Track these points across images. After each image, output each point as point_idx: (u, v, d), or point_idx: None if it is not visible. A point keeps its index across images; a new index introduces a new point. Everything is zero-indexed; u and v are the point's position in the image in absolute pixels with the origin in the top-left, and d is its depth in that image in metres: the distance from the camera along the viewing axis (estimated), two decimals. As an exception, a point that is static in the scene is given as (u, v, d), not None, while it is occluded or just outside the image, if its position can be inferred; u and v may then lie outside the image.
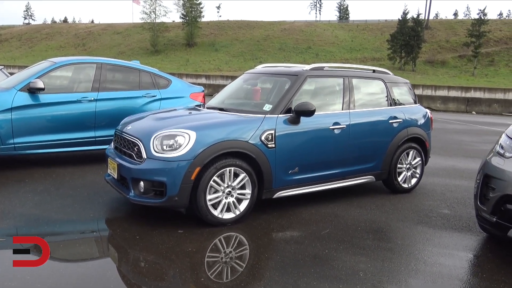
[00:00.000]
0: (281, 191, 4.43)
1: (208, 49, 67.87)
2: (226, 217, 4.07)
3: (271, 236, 3.96)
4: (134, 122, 4.47)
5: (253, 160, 4.13)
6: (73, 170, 5.93)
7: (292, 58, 64.49)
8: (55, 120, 5.93)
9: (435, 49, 64.67)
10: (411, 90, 5.80)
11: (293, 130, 4.39)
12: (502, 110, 20.45)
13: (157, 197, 3.90)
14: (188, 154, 3.82)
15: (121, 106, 6.40)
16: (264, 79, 5.11)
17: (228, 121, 4.21)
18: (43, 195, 4.78)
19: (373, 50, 66.71)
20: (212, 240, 3.80)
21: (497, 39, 65.53)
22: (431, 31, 69.00)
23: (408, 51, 58.03)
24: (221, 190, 4.02)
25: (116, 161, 4.20)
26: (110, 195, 4.87)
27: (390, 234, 4.11)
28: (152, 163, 3.87)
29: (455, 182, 6.21)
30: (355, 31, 74.56)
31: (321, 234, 4.00)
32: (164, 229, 3.94)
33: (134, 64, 6.84)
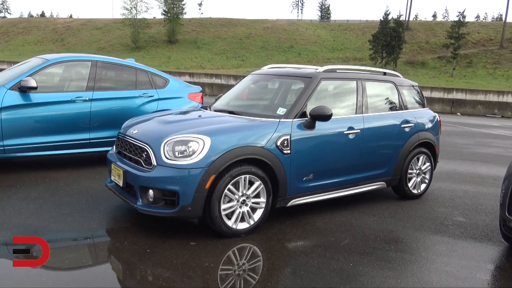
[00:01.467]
0: (295, 199, 4.23)
1: (190, 47, 67.21)
2: (240, 228, 3.84)
3: (290, 248, 3.75)
4: (140, 125, 4.18)
5: (268, 167, 3.91)
6: (66, 175, 5.59)
7: (274, 57, 64.42)
8: (48, 121, 5.58)
9: (415, 50, 65.54)
10: (420, 93, 5.67)
11: (309, 135, 4.17)
12: (486, 111, 20.73)
13: (168, 207, 3.64)
14: (202, 161, 3.56)
15: (117, 106, 6.08)
16: (275, 81, 4.88)
17: (242, 126, 3.97)
18: (38, 203, 4.45)
19: (355, 50, 67.18)
20: (229, 252, 3.56)
21: (475, 41, 66.83)
22: (411, 32, 69.88)
23: (389, 51, 58.59)
24: (236, 199, 3.79)
25: (121, 168, 3.91)
26: (110, 202, 4.58)
27: (411, 244, 3.94)
28: (163, 170, 3.60)
29: (461, 187, 6.11)
30: (337, 31, 74.94)
31: (341, 245, 3.81)
32: (175, 241, 3.68)
33: (130, 62, 6.52)
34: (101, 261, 3.40)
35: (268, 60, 62.74)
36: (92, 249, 3.58)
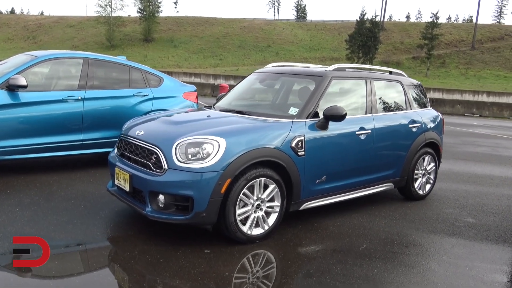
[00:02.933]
0: (308, 202, 4.08)
1: (166, 45, 66.41)
2: (255, 233, 3.66)
3: (308, 254, 3.58)
4: (145, 126, 3.93)
5: (283, 169, 3.74)
6: (58, 178, 5.27)
7: (252, 56, 64.37)
8: (37, 122, 5.25)
9: (390, 50, 66.60)
10: (423, 92, 5.61)
11: (322, 136, 4.03)
12: (465, 111, 21.12)
13: (180, 213, 3.43)
14: (217, 164, 3.37)
15: (110, 106, 5.80)
16: (283, 80, 4.71)
17: (256, 127, 3.78)
18: (33, 209, 4.16)
19: (331, 50, 67.77)
20: (248, 260, 3.38)
21: (447, 42, 68.42)
22: (386, 33, 70.99)
23: (365, 51, 59.36)
24: (251, 204, 3.61)
25: (128, 171, 3.67)
26: (110, 207, 4.32)
27: (430, 248, 3.84)
28: (175, 174, 3.38)
29: (461, 187, 6.08)
30: (313, 31, 75.44)
31: (360, 250, 3.68)
32: (189, 249, 3.47)
33: (123, 60, 6.23)
34: (114, 273, 3.15)
35: (245, 59, 62.67)
36: (101, 260, 3.33)
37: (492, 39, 68.81)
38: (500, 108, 20.66)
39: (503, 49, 64.57)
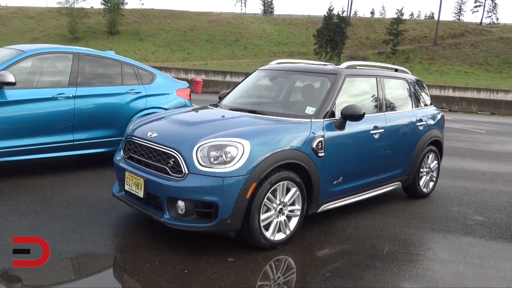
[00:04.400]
0: (325, 204, 3.96)
1: (132, 38, 64.81)
2: (277, 239, 3.50)
3: (333, 259, 3.46)
4: (157, 127, 3.68)
5: (304, 171, 3.60)
6: (49, 182, 4.93)
7: (220, 50, 63.83)
8: (26, 122, 4.88)
9: (357, 46, 67.62)
10: (426, 89, 5.59)
11: (339, 136, 3.91)
12: (435, 106, 21.59)
13: (203, 220, 3.23)
14: (243, 168, 3.18)
15: (103, 104, 5.48)
16: (296, 78, 4.54)
17: (278, 128, 3.61)
18: (32, 217, 3.84)
19: (299, 45, 68.13)
20: (275, 268, 3.22)
21: (411, 38, 70.09)
22: (353, 28, 71.94)
23: (333, 46, 60.03)
24: (274, 208, 3.45)
25: (141, 176, 3.42)
26: (114, 213, 4.07)
27: (451, 248, 3.78)
28: (197, 179, 3.17)
29: (458, 183, 6.14)
30: (281, 25, 75.54)
31: (385, 253, 3.59)
32: (211, 257, 3.28)
33: (114, 55, 5.90)
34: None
35: (214, 53, 62.07)
36: (121, 273, 3.08)
37: (453, 35, 71.03)
38: (469, 103, 21.30)
39: (463, 45, 66.78)
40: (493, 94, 27.40)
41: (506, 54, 62.03)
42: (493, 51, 64.25)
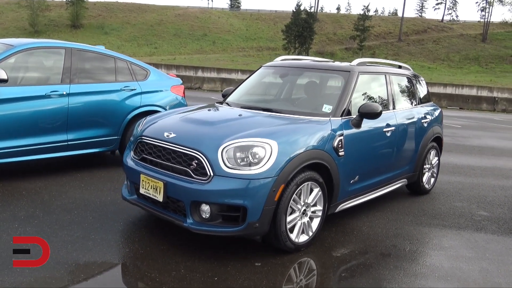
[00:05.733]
0: (342, 204, 3.90)
1: (96, 32, 62.92)
2: (301, 241, 3.42)
3: (359, 261, 3.40)
4: (173, 127, 3.49)
5: (326, 171, 3.52)
6: (44, 185, 4.64)
7: (188, 45, 62.99)
8: (17, 121, 4.57)
9: (324, 41, 68.29)
10: (426, 86, 5.63)
11: (356, 134, 3.85)
12: (407, 101, 22.06)
13: (230, 225, 3.09)
14: (271, 170, 3.06)
15: (98, 101, 5.21)
16: (308, 75, 4.43)
17: (300, 127, 3.50)
18: (36, 224, 3.59)
19: (268, 40, 68.13)
20: (304, 272, 3.14)
21: (376, 34, 71.41)
22: (320, 24, 72.55)
23: (301, 42, 60.32)
24: (298, 210, 3.36)
25: (160, 179, 3.23)
26: (122, 218, 3.87)
27: (469, 246, 3.81)
28: (224, 182, 3.03)
29: (453, 178, 6.23)
30: (249, 20, 75.26)
31: (407, 252, 3.57)
32: (238, 262, 3.15)
33: (107, 50, 5.62)
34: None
35: (182, 48, 61.18)
36: (149, 284, 2.89)
37: (417, 32, 72.91)
38: (439, 98, 21.85)
39: (426, 41, 68.64)
40: (458, 89, 28.22)
41: (466, 51, 64.23)
42: (454, 47, 66.37)
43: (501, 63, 59.70)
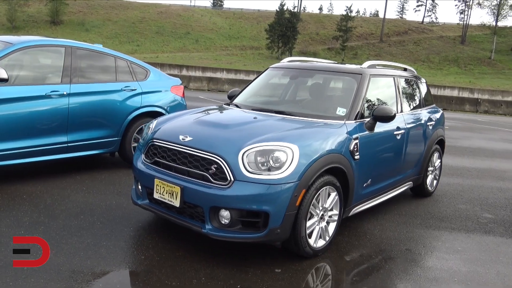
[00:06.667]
0: (355, 208, 3.87)
1: (77, 29, 61.71)
2: (319, 246, 3.37)
3: (379, 268, 3.38)
4: (188, 130, 3.38)
5: (343, 175, 3.48)
6: (44, 188, 4.49)
7: (171, 43, 62.40)
8: (16, 122, 4.40)
9: (307, 41, 68.56)
10: (429, 88, 5.65)
11: (370, 137, 3.83)
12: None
13: (251, 231, 3.02)
14: (294, 174, 3.01)
15: (98, 102, 5.07)
16: (319, 77, 4.38)
17: (318, 131, 3.45)
18: (43, 231, 3.45)
19: (251, 39, 68.01)
20: (326, 277, 3.09)
21: (359, 34, 72.05)
22: (303, 24, 72.80)
23: (285, 41, 60.45)
24: (316, 215, 3.31)
25: (177, 184, 3.14)
26: (131, 223, 3.76)
27: (482, 249, 3.83)
28: (246, 187, 2.96)
29: (452, 180, 6.28)
30: (232, 19, 75.01)
31: (422, 256, 3.56)
32: (257, 269, 3.09)
33: (106, 49, 5.47)
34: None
35: (165, 46, 60.60)
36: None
37: (398, 33, 73.85)
38: (423, 99, 22.13)
39: (407, 42, 69.62)
40: (440, 90, 28.63)
41: (446, 52, 65.39)
42: (434, 48, 67.47)
43: (479, 65, 61.03)
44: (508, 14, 64.76)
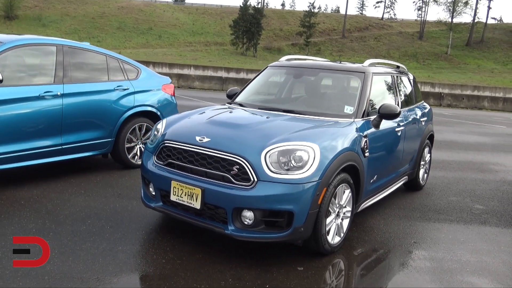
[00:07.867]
0: (363, 203, 3.96)
1: (33, 24, 59.27)
2: (335, 242, 3.43)
3: (391, 261, 3.48)
4: (204, 131, 3.33)
5: (355, 172, 3.55)
6: (41, 193, 4.32)
7: (133, 39, 61.03)
8: (9, 125, 4.21)
9: (271, 37, 68.83)
10: (417, 84, 5.82)
11: (377, 134, 3.92)
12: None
13: (274, 230, 3.04)
14: (316, 173, 3.04)
15: (92, 102, 4.92)
16: (323, 76, 4.42)
17: (332, 130, 3.49)
18: (53, 237, 3.33)
19: (215, 35, 67.53)
20: (350, 273, 3.15)
21: (321, 30, 72.97)
22: (267, 19, 72.89)
23: (249, 37, 60.43)
24: (334, 212, 3.37)
25: (197, 186, 3.11)
26: (141, 226, 3.70)
27: (483, 239, 4.00)
28: (270, 187, 2.97)
29: (437, 173, 6.49)
30: (195, 14, 74.17)
31: (431, 248, 3.69)
32: (281, 268, 3.11)
33: (96, 47, 5.30)
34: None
35: (127, 42, 59.20)
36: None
37: (359, 29, 75.34)
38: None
39: (368, 38, 71.20)
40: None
41: (405, 47, 67.34)
42: (394, 44, 69.33)
43: (437, 59, 63.22)
44: (463, 11, 67.29)
